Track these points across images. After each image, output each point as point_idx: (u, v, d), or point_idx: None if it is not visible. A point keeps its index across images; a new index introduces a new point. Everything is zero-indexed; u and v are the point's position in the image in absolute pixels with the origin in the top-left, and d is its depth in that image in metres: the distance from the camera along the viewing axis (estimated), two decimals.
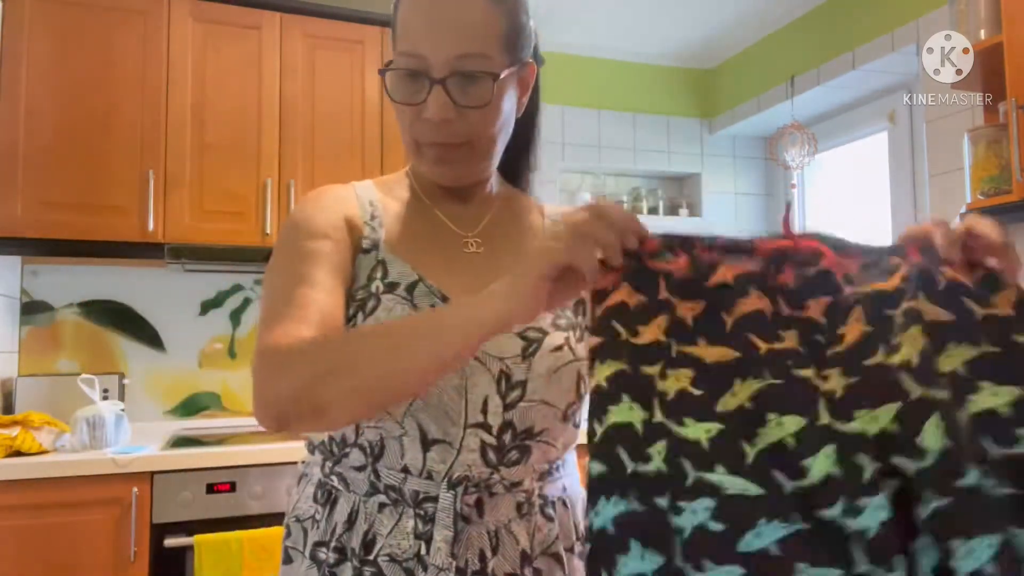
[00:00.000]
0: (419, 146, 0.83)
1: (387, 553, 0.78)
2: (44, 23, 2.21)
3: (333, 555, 0.81)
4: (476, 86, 0.79)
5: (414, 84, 0.79)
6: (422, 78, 0.78)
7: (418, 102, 0.79)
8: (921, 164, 2.52)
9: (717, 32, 3.09)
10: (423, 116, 0.79)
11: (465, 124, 0.80)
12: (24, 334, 2.44)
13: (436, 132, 0.80)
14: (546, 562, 0.83)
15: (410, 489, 0.79)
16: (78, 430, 2.00)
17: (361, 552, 0.79)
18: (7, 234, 2.14)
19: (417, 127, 0.81)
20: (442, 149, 0.82)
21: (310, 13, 2.47)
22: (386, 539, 0.79)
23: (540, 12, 2.98)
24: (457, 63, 0.77)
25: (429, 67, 0.78)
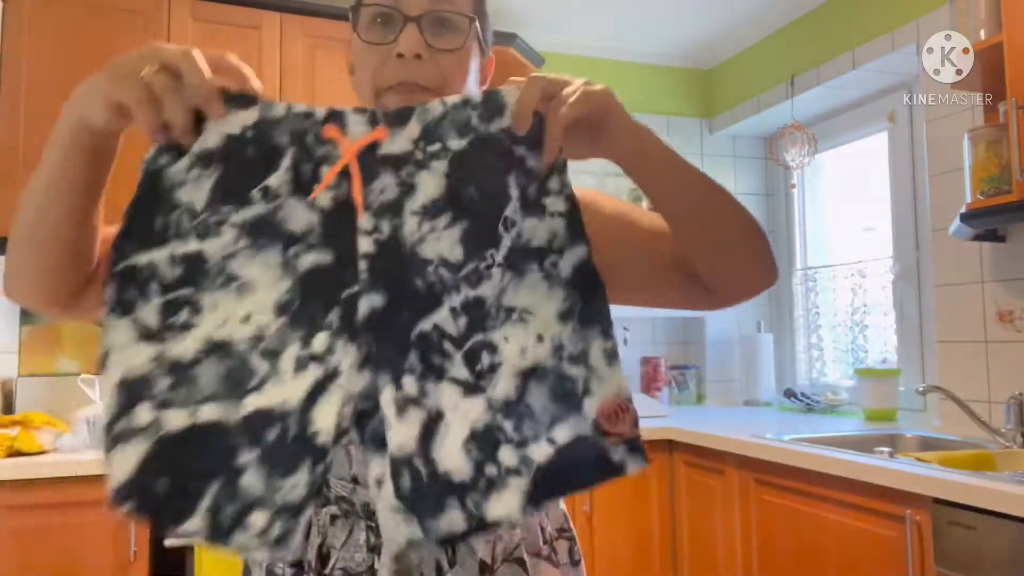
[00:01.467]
0: (381, 93, 0.79)
1: (341, 567, 0.78)
2: (44, 23, 2.21)
3: (290, 570, 0.79)
4: (449, 32, 0.79)
5: (385, 27, 0.78)
6: (396, 19, 0.77)
7: (389, 41, 0.78)
8: (921, 164, 2.52)
9: (717, 32, 3.09)
10: (393, 55, 0.77)
11: (435, 68, 0.79)
12: (24, 334, 2.44)
13: (406, 71, 0.77)
14: (510, 568, 0.81)
15: (360, 501, 0.78)
16: (78, 430, 2.00)
17: (317, 565, 0.78)
18: (7, 234, 2.13)
19: (384, 70, 0.78)
20: (407, 92, 0.78)
21: (310, 13, 2.47)
22: (340, 552, 0.78)
23: (540, 12, 2.99)
24: (432, 4, 0.77)
25: (404, 7, 0.77)
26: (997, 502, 1.40)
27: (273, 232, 0.66)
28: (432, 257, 0.67)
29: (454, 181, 0.68)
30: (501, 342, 0.68)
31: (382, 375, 0.65)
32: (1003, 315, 2.09)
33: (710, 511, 2.25)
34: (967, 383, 2.16)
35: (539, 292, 0.69)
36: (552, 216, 0.70)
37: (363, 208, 0.67)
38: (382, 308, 0.66)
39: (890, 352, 2.72)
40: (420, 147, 0.68)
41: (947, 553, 1.50)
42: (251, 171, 0.66)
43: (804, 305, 3.18)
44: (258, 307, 0.66)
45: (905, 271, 2.61)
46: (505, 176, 0.69)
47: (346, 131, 0.68)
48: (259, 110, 0.67)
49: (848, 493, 1.73)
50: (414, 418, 0.65)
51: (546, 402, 0.68)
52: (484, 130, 0.69)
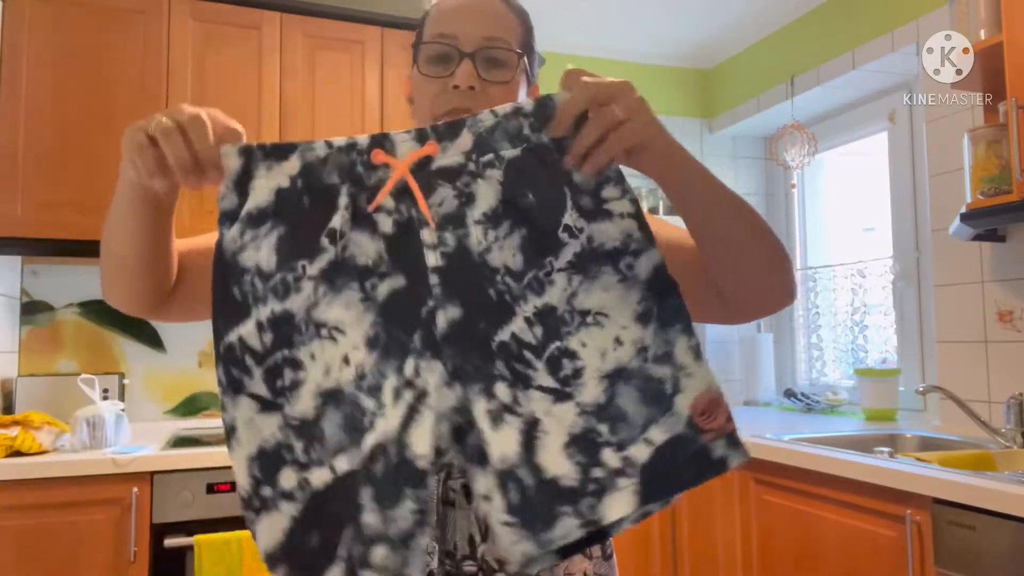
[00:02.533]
0: (437, 118, 0.86)
1: None
2: (44, 23, 2.21)
3: None
4: (500, 67, 0.87)
5: (443, 62, 0.87)
6: (452, 55, 0.87)
7: (446, 74, 0.87)
8: (921, 164, 2.52)
9: (717, 32, 3.09)
10: (449, 86, 0.86)
11: (486, 98, 0.86)
12: (24, 334, 2.44)
13: (460, 100, 0.85)
14: None
15: None
16: (78, 430, 2.00)
17: None
18: (7, 234, 2.14)
19: (441, 99, 0.87)
20: (462, 114, 0.84)
21: (310, 13, 2.47)
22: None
23: (541, 12, 2.98)
24: (485, 42, 0.86)
25: (460, 44, 0.86)
26: (997, 502, 1.40)
27: (347, 271, 0.67)
28: (499, 266, 0.67)
29: (509, 189, 0.68)
30: (579, 347, 0.68)
31: (471, 387, 0.65)
32: (1003, 315, 2.09)
33: (710, 511, 2.25)
34: (967, 383, 2.16)
35: (613, 294, 0.69)
36: (622, 218, 0.70)
37: (422, 225, 0.67)
38: (460, 319, 0.66)
39: (890, 352, 2.72)
40: (473, 159, 0.69)
41: (947, 553, 1.50)
42: (312, 220, 0.67)
43: (804, 305, 3.18)
44: (351, 346, 0.66)
45: (905, 271, 2.61)
46: (560, 184, 0.69)
47: (395, 152, 0.68)
48: (300, 155, 0.67)
49: (848, 493, 1.73)
50: (511, 426, 0.65)
51: (637, 404, 0.67)
52: (536, 140, 0.69)
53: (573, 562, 0.87)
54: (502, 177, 0.68)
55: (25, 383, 2.30)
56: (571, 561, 0.86)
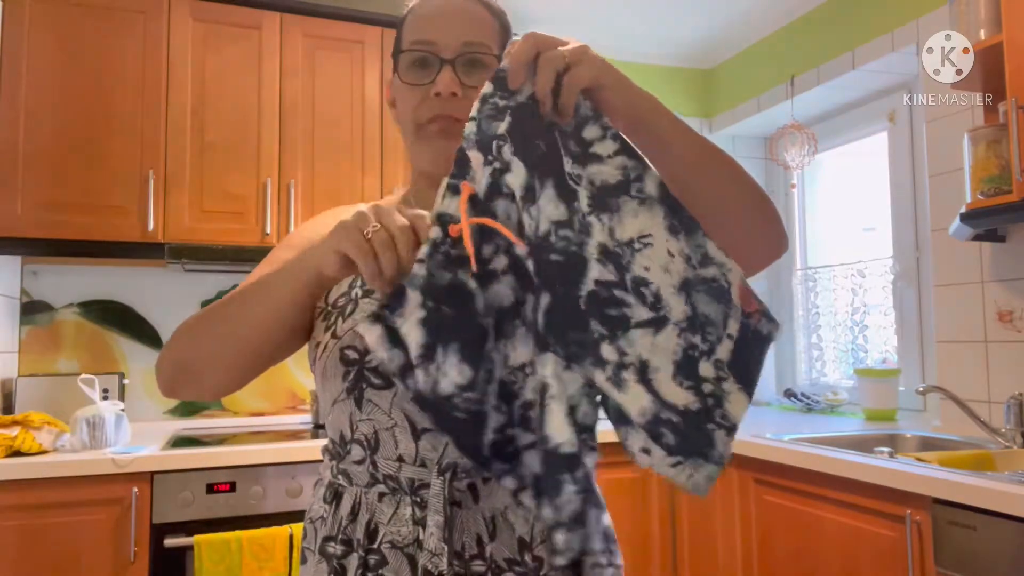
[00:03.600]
0: (421, 126, 0.88)
1: (389, 540, 0.82)
2: (44, 23, 2.22)
3: (340, 547, 0.84)
4: (479, 71, 0.87)
5: (424, 69, 0.87)
6: (432, 62, 0.86)
7: (427, 82, 0.87)
8: (921, 164, 2.52)
9: (717, 32, 3.09)
10: (431, 94, 0.86)
11: (468, 103, 0.84)
12: (24, 334, 2.44)
13: (442, 107, 0.86)
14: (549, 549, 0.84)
15: (406, 477, 0.82)
16: (78, 430, 2.00)
17: (365, 542, 0.82)
18: (7, 234, 2.14)
19: (423, 107, 0.87)
20: (445, 122, 0.87)
21: (310, 13, 2.47)
22: (387, 527, 0.82)
23: (541, 12, 2.99)
24: (464, 48, 0.86)
25: (439, 50, 0.86)
26: (997, 502, 1.40)
27: (506, 316, 0.72)
28: (547, 228, 0.70)
29: (522, 150, 0.71)
30: (644, 272, 0.71)
31: (584, 365, 0.69)
32: (1003, 315, 2.09)
33: (710, 511, 2.25)
34: (967, 383, 2.16)
35: (643, 217, 0.72)
36: (612, 157, 0.73)
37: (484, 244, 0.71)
38: (550, 304, 0.70)
39: (890, 352, 2.72)
40: (491, 160, 0.72)
41: (947, 553, 1.50)
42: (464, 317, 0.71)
43: (804, 305, 3.18)
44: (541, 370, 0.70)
45: (905, 271, 2.61)
46: (551, 133, 0.72)
47: (454, 219, 0.71)
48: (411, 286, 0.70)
49: (848, 493, 1.73)
50: (630, 379, 0.69)
51: (712, 305, 0.72)
52: (514, 103, 0.72)
53: None
54: (512, 147, 0.71)
55: (25, 383, 2.30)
56: None
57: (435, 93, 0.85)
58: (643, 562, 2.40)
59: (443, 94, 0.85)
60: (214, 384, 0.85)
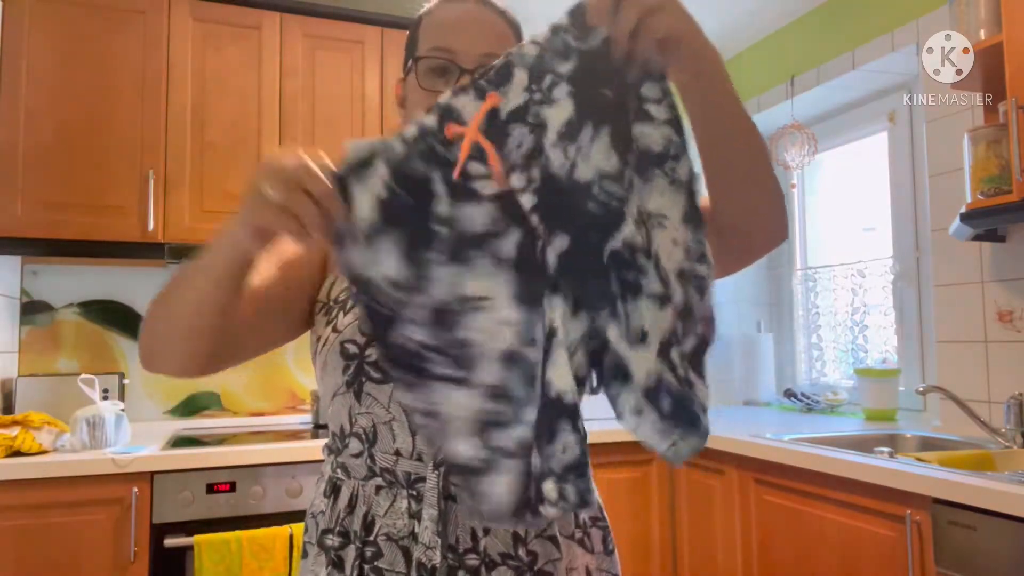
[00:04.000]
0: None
1: (385, 533, 0.83)
2: (44, 23, 2.21)
3: (338, 539, 0.86)
4: None
5: (442, 76, 0.87)
6: (451, 70, 0.87)
7: (445, 90, 0.86)
8: (921, 164, 2.52)
9: (717, 32, 3.09)
10: None
11: None
12: (24, 334, 2.44)
13: None
14: (542, 545, 0.86)
15: (402, 471, 0.84)
16: (78, 430, 2.00)
17: (362, 533, 0.84)
18: (7, 234, 2.14)
19: None
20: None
21: (310, 13, 2.47)
22: (383, 519, 0.84)
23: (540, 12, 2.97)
24: (483, 59, 0.85)
25: (459, 59, 0.87)
26: (997, 502, 1.40)
27: (470, 244, 0.69)
28: (591, 177, 0.69)
29: (581, 96, 0.69)
30: (659, 250, 0.71)
31: (600, 314, 0.68)
32: (1003, 315, 2.09)
33: (710, 511, 2.25)
34: (967, 383, 2.16)
35: (667, 197, 0.71)
36: (661, 124, 0.71)
37: (508, 171, 0.68)
38: (569, 247, 0.68)
39: (890, 352, 2.72)
40: (533, 90, 0.69)
41: (947, 553, 1.50)
42: (420, 214, 0.68)
43: (804, 305, 3.18)
44: (503, 309, 0.69)
45: (905, 271, 2.61)
46: (618, 81, 0.70)
47: (463, 119, 0.69)
48: (383, 159, 0.68)
49: (848, 493, 1.73)
50: (638, 350, 0.70)
51: (697, 301, 0.71)
52: (585, 47, 0.69)
53: (576, 556, 0.88)
54: (570, 89, 0.69)
55: (25, 383, 2.30)
56: (573, 556, 0.88)
57: None
58: (643, 562, 2.40)
59: None
60: (178, 363, 0.84)
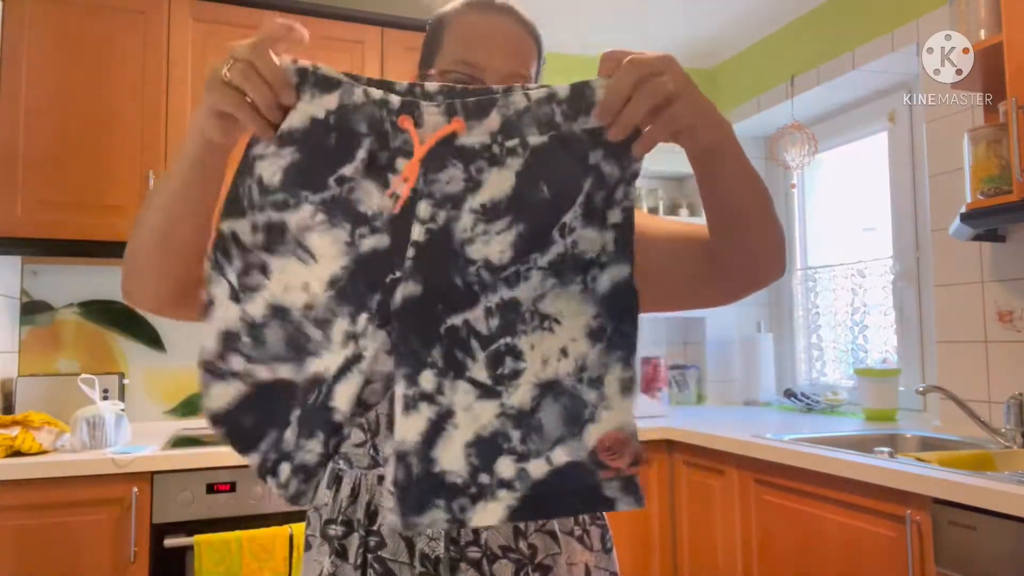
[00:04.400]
0: None
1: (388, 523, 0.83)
2: (44, 23, 2.21)
3: (341, 528, 0.86)
4: None
5: None
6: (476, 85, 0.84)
7: None
8: (921, 164, 2.52)
9: (717, 32, 3.09)
10: None
11: None
12: (24, 334, 2.44)
13: None
14: (541, 539, 0.87)
15: None
16: (78, 430, 2.00)
17: (365, 522, 0.85)
18: (7, 234, 2.14)
19: None
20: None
21: (310, 13, 2.47)
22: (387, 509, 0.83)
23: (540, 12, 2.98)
24: (510, 79, 0.84)
25: (485, 77, 0.84)
26: (997, 502, 1.40)
27: (346, 212, 0.68)
28: (477, 259, 0.67)
29: (524, 180, 0.66)
30: (527, 349, 0.67)
31: (402, 368, 0.67)
32: (1003, 315, 2.09)
33: (710, 511, 2.25)
34: (967, 383, 2.16)
35: (573, 304, 0.68)
36: (609, 228, 0.68)
37: (423, 196, 0.67)
38: (417, 297, 0.67)
39: (890, 352, 2.72)
40: (498, 140, 0.67)
41: (947, 553, 1.50)
42: (329, 158, 0.68)
43: (804, 305, 3.18)
44: (314, 278, 0.69)
45: (905, 271, 2.61)
46: (580, 179, 0.67)
47: (421, 122, 0.67)
48: (340, 95, 0.68)
49: (848, 493, 1.73)
50: (423, 414, 0.66)
51: (557, 420, 0.67)
52: (567, 128, 0.67)
53: (575, 552, 0.89)
54: (521, 166, 0.67)
55: (25, 383, 2.30)
56: (572, 551, 0.89)
57: None
58: (643, 562, 2.40)
59: None
60: (151, 290, 0.81)
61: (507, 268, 0.67)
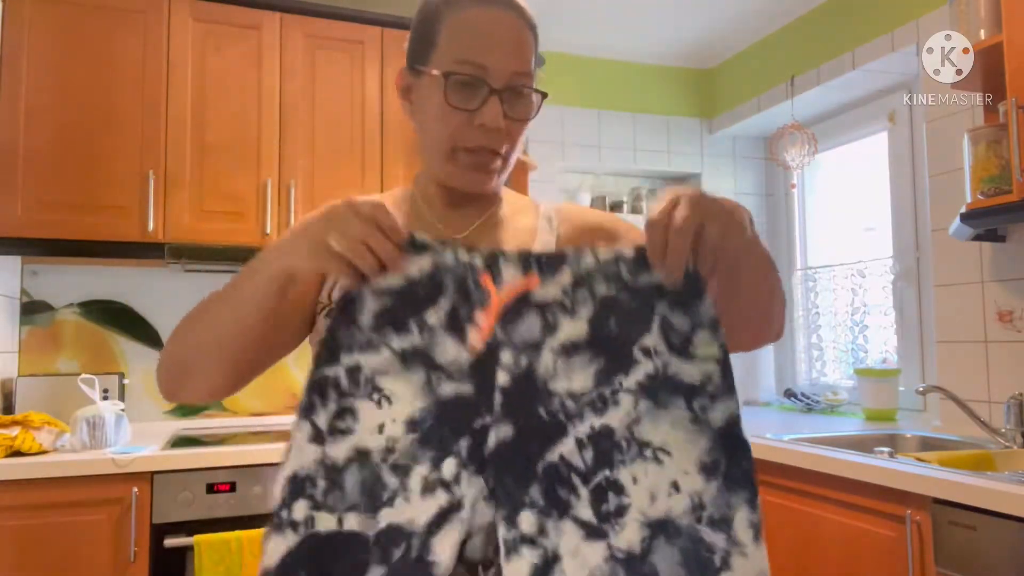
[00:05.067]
0: (456, 151, 0.86)
1: None
2: (44, 23, 2.21)
3: None
4: (522, 102, 0.86)
5: (468, 91, 0.84)
6: (480, 86, 0.84)
7: (472, 108, 0.84)
8: (921, 164, 2.52)
9: (717, 32, 3.09)
10: (475, 122, 0.84)
11: (507, 136, 0.86)
12: (24, 334, 2.44)
13: (485, 138, 0.85)
14: None
15: None
16: (78, 430, 2.00)
17: None
18: (7, 234, 2.14)
19: (464, 132, 0.85)
20: (484, 156, 0.86)
21: (310, 13, 2.47)
22: None
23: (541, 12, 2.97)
24: (513, 78, 0.84)
25: (489, 77, 0.84)
26: (997, 502, 1.40)
27: (422, 359, 0.70)
28: (560, 390, 0.68)
29: (597, 324, 0.69)
30: (629, 482, 0.64)
31: (500, 510, 0.65)
32: (1003, 315, 2.09)
33: None
34: (967, 383, 2.16)
35: (681, 433, 0.65)
36: (705, 360, 0.69)
37: (504, 345, 0.69)
38: (510, 440, 0.66)
39: (890, 352, 2.72)
40: (568, 294, 0.70)
41: (947, 553, 1.50)
42: (415, 308, 0.71)
43: (804, 305, 3.18)
44: (391, 418, 0.68)
45: (905, 271, 2.61)
46: (651, 318, 0.70)
47: (499, 279, 0.71)
48: (432, 256, 0.71)
49: (848, 493, 1.73)
50: (525, 559, 0.63)
51: (675, 567, 0.62)
52: (632, 283, 0.70)
53: None
54: (592, 313, 0.70)
55: (25, 383, 2.30)
56: None
57: (479, 124, 0.83)
58: None
59: (488, 126, 0.84)
60: (207, 387, 0.85)
61: (589, 393, 0.67)
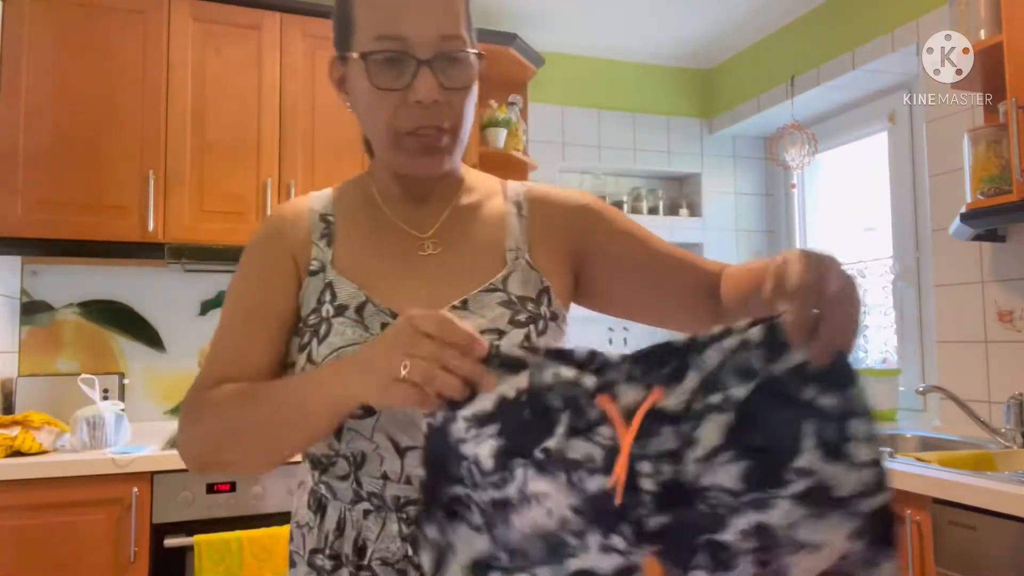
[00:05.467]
0: (399, 137, 0.79)
1: (379, 557, 0.79)
2: (44, 23, 2.21)
3: (329, 562, 0.82)
4: (458, 68, 0.78)
5: (395, 69, 0.76)
6: (406, 61, 0.76)
7: (402, 86, 0.76)
8: (921, 164, 2.52)
9: (717, 32, 3.09)
10: (409, 100, 0.76)
11: (448, 108, 0.78)
12: (24, 334, 2.44)
13: (424, 116, 0.77)
14: None
15: (391, 495, 0.80)
16: (78, 430, 2.00)
17: (355, 558, 0.80)
18: (7, 234, 2.14)
19: (401, 114, 0.77)
20: (429, 135, 0.79)
21: (310, 13, 2.47)
22: (375, 544, 0.80)
23: (540, 12, 2.98)
24: (441, 44, 0.76)
25: (412, 49, 0.76)
26: (997, 502, 1.39)
27: (558, 464, 0.67)
28: (710, 485, 0.64)
29: (738, 432, 0.64)
30: (791, 567, 0.64)
31: (674, 570, 0.64)
32: (1003, 315, 2.09)
33: None
34: (967, 383, 2.16)
35: (837, 529, 0.64)
36: (862, 466, 0.63)
37: (640, 459, 0.65)
38: (668, 524, 0.65)
39: (890, 352, 2.71)
40: (699, 399, 0.65)
41: (947, 553, 1.50)
42: (531, 433, 0.67)
43: None
44: (556, 505, 0.67)
45: (905, 271, 2.61)
46: (799, 422, 0.63)
47: (618, 398, 0.66)
48: (529, 375, 0.68)
49: None
50: None
51: None
52: (766, 372, 0.63)
53: None
54: (730, 420, 0.64)
55: (25, 383, 2.30)
56: None
57: (415, 101, 0.76)
58: None
59: (424, 102, 0.76)
60: (247, 473, 0.84)
61: (745, 494, 0.64)
